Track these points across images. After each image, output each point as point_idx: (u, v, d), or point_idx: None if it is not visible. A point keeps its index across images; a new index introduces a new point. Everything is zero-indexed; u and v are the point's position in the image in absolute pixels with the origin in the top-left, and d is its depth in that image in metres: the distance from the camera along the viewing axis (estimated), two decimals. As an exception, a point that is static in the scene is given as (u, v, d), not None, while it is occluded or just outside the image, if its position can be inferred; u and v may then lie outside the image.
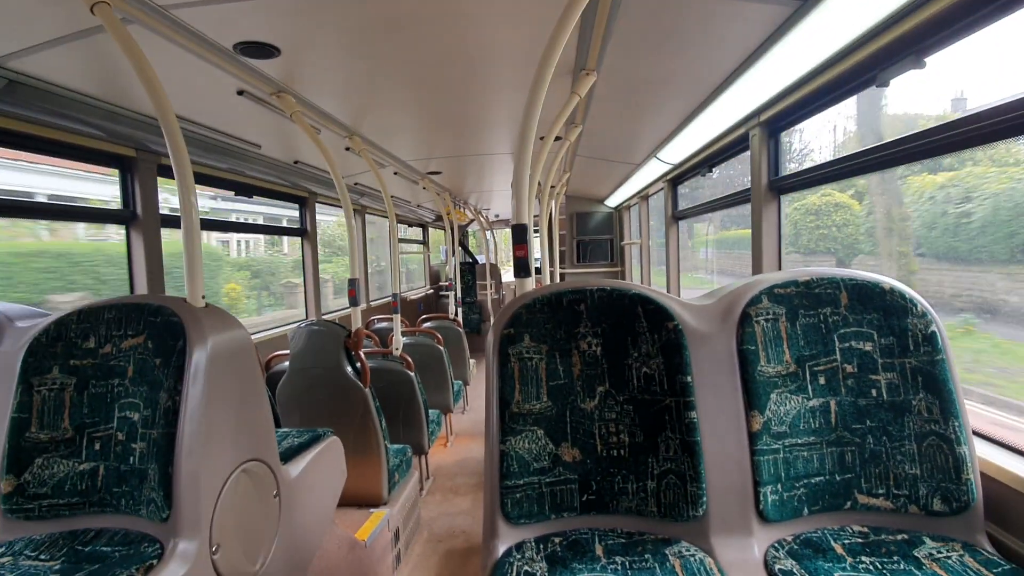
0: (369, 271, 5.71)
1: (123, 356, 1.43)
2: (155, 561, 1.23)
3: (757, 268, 2.39)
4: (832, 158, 1.96)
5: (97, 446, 1.40)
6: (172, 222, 2.56)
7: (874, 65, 1.59)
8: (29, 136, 1.97)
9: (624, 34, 1.76)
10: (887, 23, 1.43)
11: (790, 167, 2.33)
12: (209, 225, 3.71)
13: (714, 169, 3.32)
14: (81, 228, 3.24)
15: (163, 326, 1.40)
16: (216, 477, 1.36)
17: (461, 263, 7.55)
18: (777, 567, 1.13)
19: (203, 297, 1.50)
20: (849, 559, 1.12)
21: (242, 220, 5.54)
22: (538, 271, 4.40)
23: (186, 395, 1.33)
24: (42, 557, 1.24)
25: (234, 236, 6.46)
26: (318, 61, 1.96)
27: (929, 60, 1.45)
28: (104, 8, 1.35)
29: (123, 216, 2.40)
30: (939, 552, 1.12)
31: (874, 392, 1.27)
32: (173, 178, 1.52)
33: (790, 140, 2.41)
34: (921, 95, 1.78)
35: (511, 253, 1.63)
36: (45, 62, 1.67)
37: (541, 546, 1.22)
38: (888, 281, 1.31)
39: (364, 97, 2.42)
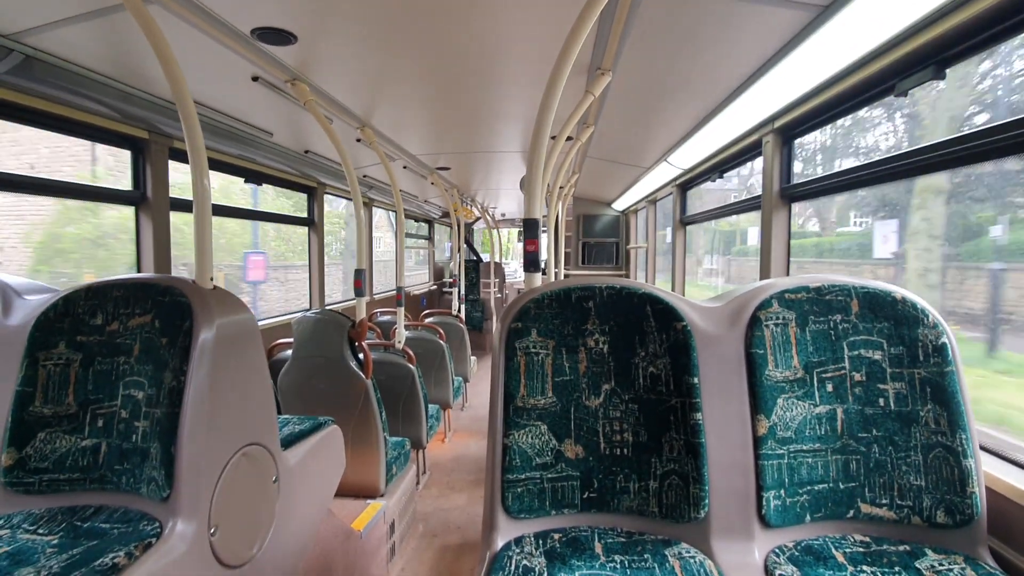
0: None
1: (130, 334, 1.43)
2: (153, 539, 1.23)
3: (765, 274, 2.38)
4: (845, 167, 1.95)
5: (100, 423, 1.41)
6: (180, 205, 2.56)
7: (893, 75, 1.58)
8: (43, 113, 1.98)
9: (642, 35, 1.76)
10: (907, 33, 1.42)
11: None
12: (219, 210, 3.72)
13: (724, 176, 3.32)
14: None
15: (171, 306, 1.40)
16: (217, 459, 1.36)
17: (466, 260, 7.56)
18: (777, 573, 1.12)
19: (211, 279, 1.50)
20: (850, 568, 1.11)
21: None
22: (544, 271, 4.39)
23: (191, 376, 1.33)
24: (40, 531, 1.24)
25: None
26: (334, 50, 1.96)
27: (950, 71, 1.44)
28: None
29: (133, 197, 2.41)
30: (941, 564, 1.11)
31: (882, 401, 1.26)
32: (184, 161, 1.52)
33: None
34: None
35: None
36: (62, 39, 1.67)
37: (540, 541, 1.22)
38: (900, 291, 1.30)
39: (378, 88, 2.42)
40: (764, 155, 2.38)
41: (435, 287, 8.23)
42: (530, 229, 1.55)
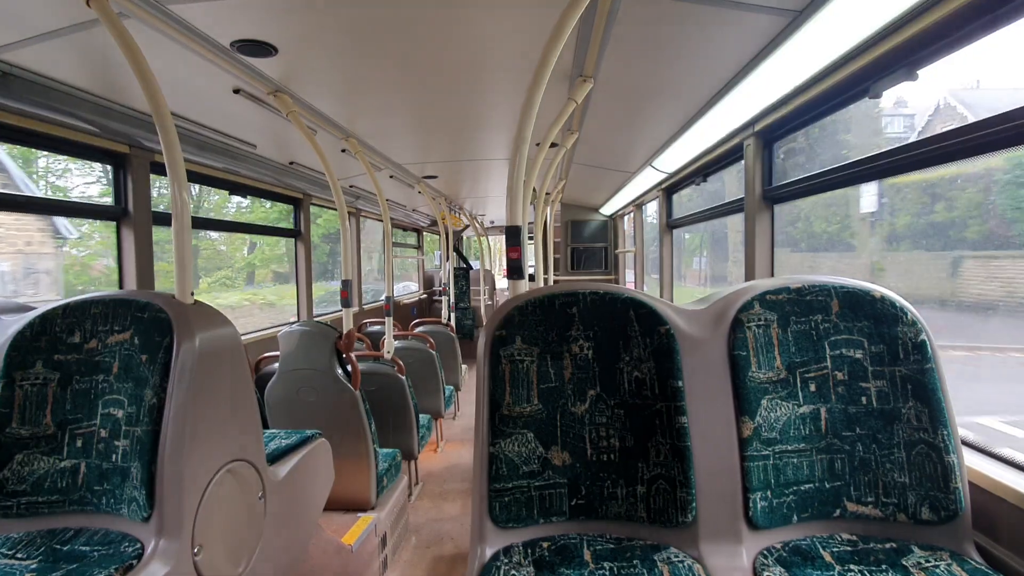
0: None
1: (108, 352, 1.40)
2: (135, 561, 1.20)
3: (750, 276, 2.40)
4: (825, 168, 1.98)
5: (79, 443, 1.38)
6: (162, 219, 2.54)
7: (868, 76, 1.61)
8: (22, 130, 1.96)
9: (622, 41, 1.77)
10: (881, 35, 1.45)
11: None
12: (200, 223, 3.69)
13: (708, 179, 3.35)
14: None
15: (150, 322, 1.38)
16: (200, 477, 1.34)
17: (455, 268, 7.55)
18: (766, 574, 1.12)
19: (192, 294, 1.48)
20: (838, 567, 1.12)
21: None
22: (532, 278, 4.40)
23: (171, 392, 1.31)
24: (18, 556, 1.21)
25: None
26: (316, 61, 1.95)
27: (922, 72, 1.47)
28: (100, 1, 1.34)
29: (114, 212, 2.38)
30: (927, 561, 1.12)
31: (864, 400, 1.27)
32: (166, 175, 1.51)
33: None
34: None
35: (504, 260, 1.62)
36: (40, 55, 1.66)
37: (529, 551, 1.21)
38: (879, 289, 1.32)
39: (361, 99, 2.42)
40: (746, 158, 2.41)
41: (425, 296, 8.21)
42: (512, 236, 1.55)
